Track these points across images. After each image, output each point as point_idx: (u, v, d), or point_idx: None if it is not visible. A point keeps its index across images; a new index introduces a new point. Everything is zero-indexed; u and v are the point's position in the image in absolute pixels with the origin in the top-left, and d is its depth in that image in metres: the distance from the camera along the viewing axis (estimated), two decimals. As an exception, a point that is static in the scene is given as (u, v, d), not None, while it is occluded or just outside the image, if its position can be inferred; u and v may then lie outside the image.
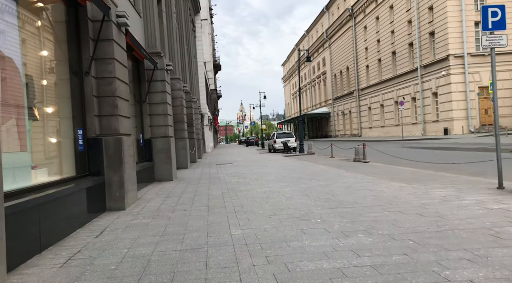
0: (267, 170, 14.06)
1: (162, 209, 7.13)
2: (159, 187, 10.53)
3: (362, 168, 13.28)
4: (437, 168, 11.84)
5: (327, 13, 70.23)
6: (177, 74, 17.21)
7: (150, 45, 12.22)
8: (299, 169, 13.80)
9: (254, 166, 16.69)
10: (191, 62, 27.25)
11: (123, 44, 7.87)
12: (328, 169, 13.42)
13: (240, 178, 11.91)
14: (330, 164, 15.50)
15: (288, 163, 17.51)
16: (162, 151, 12.05)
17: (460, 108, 34.68)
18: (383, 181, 9.27)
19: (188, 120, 21.37)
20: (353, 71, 59.16)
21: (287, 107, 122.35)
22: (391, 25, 46.18)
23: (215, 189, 9.47)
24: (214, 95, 59.39)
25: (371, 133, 54.28)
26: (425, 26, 38.57)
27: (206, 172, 14.91)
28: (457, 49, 34.47)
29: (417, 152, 20.25)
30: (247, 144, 61.62)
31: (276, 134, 30.58)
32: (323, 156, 21.93)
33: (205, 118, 36.86)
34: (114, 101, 7.23)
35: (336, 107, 68.13)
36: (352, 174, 11.15)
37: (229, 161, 21.45)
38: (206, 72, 41.69)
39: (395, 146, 27.49)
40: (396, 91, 45.71)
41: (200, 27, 36.70)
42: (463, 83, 34.58)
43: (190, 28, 30.13)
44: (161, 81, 12.06)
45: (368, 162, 16.02)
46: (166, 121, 12.10)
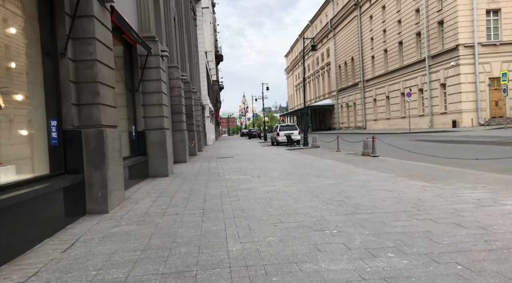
0: (270, 165, 13.11)
1: (151, 212, 6.19)
2: (152, 184, 9.59)
3: (373, 163, 12.31)
4: (455, 164, 10.87)
5: (332, 3, 68.75)
6: (175, 63, 16.22)
7: (143, 29, 11.21)
8: (304, 164, 12.84)
9: (256, 160, 15.75)
10: (192, 51, 26.21)
11: (107, 22, 6.88)
12: (336, 164, 12.45)
13: (241, 174, 10.96)
14: (337, 159, 14.53)
15: (292, 157, 16.56)
16: (157, 145, 11.10)
17: (469, 100, 33.53)
18: (401, 179, 8.29)
19: (187, 112, 20.41)
20: (358, 62, 57.91)
21: (290, 99, 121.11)
22: (397, 15, 44.86)
23: (213, 188, 8.53)
24: (216, 86, 58.35)
25: (376, 125, 53.18)
26: (433, 15, 37.29)
27: (205, 166, 13.97)
28: (467, 38, 33.24)
29: (428, 146, 19.25)
30: (249, 137, 60.69)
31: (279, 127, 29.60)
32: (329, 150, 20.96)
33: (206, 109, 35.89)
34: (95, 87, 6.26)
35: (340, 99, 66.96)
36: (364, 170, 10.18)
37: (230, 154, 20.50)
38: (207, 63, 40.63)
39: (403, 139, 26.46)
40: (403, 82, 44.52)
41: (201, 16, 35.56)
42: (473, 74, 33.39)
43: (191, 16, 29.04)
44: (156, 68, 11.07)
45: (377, 156, 15.07)
46: (161, 112, 11.13)
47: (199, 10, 35.26)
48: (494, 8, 33.26)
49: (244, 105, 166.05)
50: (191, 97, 20.89)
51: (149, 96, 11.04)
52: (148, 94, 11.04)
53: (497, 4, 33.13)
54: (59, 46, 5.90)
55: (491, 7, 33.20)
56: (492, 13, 33.47)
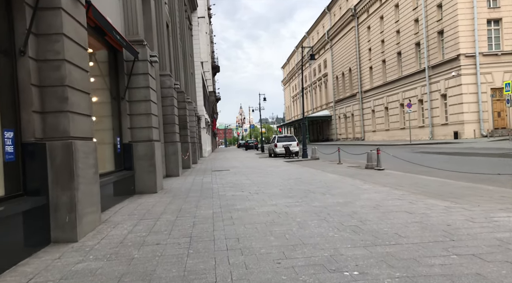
0: (269, 180, 12.11)
1: (128, 241, 5.16)
2: (137, 203, 8.55)
3: (380, 177, 11.34)
4: (470, 179, 9.93)
5: (329, 14, 68.46)
6: (168, 71, 15.30)
7: (130, 32, 10.29)
8: (306, 179, 11.84)
9: (253, 173, 14.74)
10: (187, 60, 25.35)
11: (81, 18, 5.93)
12: (341, 178, 11.46)
13: (237, 190, 9.95)
14: (340, 172, 13.54)
15: (292, 170, 15.56)
16: (144, 158, 10.09)
17: (471, 111, 32.76)
18: (418, 198, 7.31)
19: (181, 122, 19.44)
20: (355, 73, 57.31)
21: (287, 110, 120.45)
22: (396, 25, 44.33)
23: (205, 207, 7.51)
24: (213, 97, 57.50)
25: (375, 136, 52.35)
26: (433, 25, 36.71)
27: (198, 181, 12.94)
28: (468, 48, 32.60)
29: (433, 158, 18.31)
30: (246, 148, 59.69)
31: (277, 138, 28.67)
32: (329, 162, 19.99)
33: (202, 120, 34.93)
34: (63, 92, 5.28)
35: (338, 110, 66.23)
36: (373, 187, 9.19)
37: (226, 167, 19.49)
38: (203, 73, 39.79)
39: (404, 150, 25.54)
40: (402, 93, 43.80)
41: (197, 25, 34.82)
42: (475, 84, 32.68)
43: (186, 25, 28.26)
44: (144, 74, 10.12)
45: (383, 169, 14.13)
46: (149, 122, 10.14)
47: (195, 20, 34.53)
48: (495, 18, 32.70)
49: (241, 116, 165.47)
50: (185, 107, 19.94)
51: (136, 105, 10.06)
52: (135, 102, 10.06)
53: (498, 13, 32.58)
54: (18, 43, 4.93)
55: (492, 17, 32.64)
56: (493, 22, 32.90)
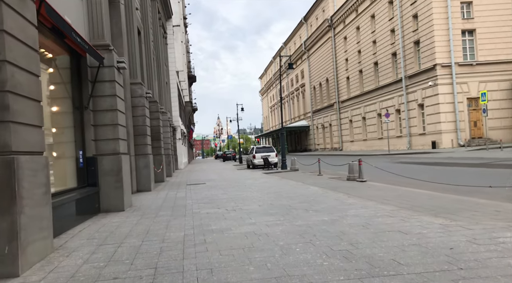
0: (248, 194, 11.39)
1: (80, 275, 4.35)
2: (101, 224, 7.69)
3: (364, 190, 10.78)
4: (458, 191, 9.48)
5: (305, 25, 68.77)
6: (139, 79, 14.49)
7: (95, 35, 9.48)
8: (287, 192, 11.18)
9: (231, 187, 13.99)
10: (161, 69, 24.53)
11: (29, 14, 5.14)
12: (323, 192, 10.84)
13: (212, 206, 9.19)
14: (322, 185, 12.94)
15: (272, 182, 14.89)
16: (111, 173, 9.23)
17: (448, 121, 32.90)
18: (409, 214, 6.72)
19: (154, 133, 18.58)
20: (333, 83, 57.43)
21: (265, 121, 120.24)
22: (372, 35, 44.61)
23: (175, 228, 6.73)
24: (189, 107, 56.55)
25: (353, 146, 52.32)
26: (409, 35, 36.98)
27: (171, 196, 12.11)
28: (444, 58, 32.84)
29: (414, 169, 17.98)
30: (223, 159, 58.82)
31: (255, 149, 28.00)
32: (309, 173, 19.43)
33: (177, 131, 33.99)
34: (3, 99, 4.48)
35: (315, 120, 66.19)
36: (359, 201, 8.58)
37: (202, 180, 18.66)
38: (179, 82, 38.93)
39: (384, 160, 25.25)
40: (379, 103, 43.92)
41: (172, 34, 34.03)
42: (451, 94, 32.87)
43: (160, 33, 27.48)
44: (110, 82, 9.31)
45: (365, 181, 13.63)
46: (116, 134, 9.31)
47: (170, 28, 33.76)
48: (469, 28, 33.11)
49: (219, 127, 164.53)
50: (158, 118, 19.07)
51: (101, 115, 9.23)
52: (100, 112, 9.23)
53: (472, 24, 33.01)
54: None
55: (466, 27, 33.03)
56: (467, 33, 33.30)
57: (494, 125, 32.24)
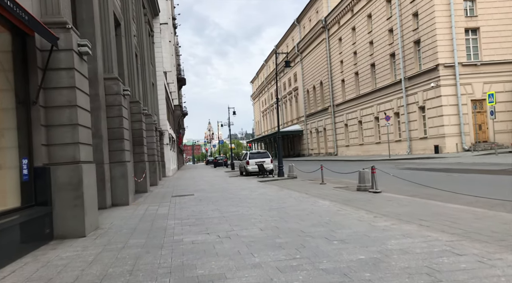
0: (244, 211, 9.31)
1: None
2: (43, 262, 5.54)
3: (386, 205, 8.79)
4: (499, 206, 7.62)
5: (298, 27, 67.08)
6: (116, 74, 12.39)
7: (48, 11, 7.37)
8: (292, 208, 9.12)
9: (223, 200, 11.90)
10: (146, 68, 22.42)
11: None
12: (338, 208, 8.81)
13: (200, 231, 7.10)
14: (331, 197, 10.92)
15: (271, 194, 12.82)
16: (68, 187, 7.11)
17: (452, 124, 31.14)
18: (483, 250, 4.71)
19: (136, 138, 16.48)
20: (327, 86, 55.67)
21: (257, 125, 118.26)
22: (369, 36, 42.92)
23: (144, 274, 4.63)
24: (178, 111, 54.36)
25: (348, 151, 50.48)
26: (409, 35, 35.29)
27: (151, 214, 9.98)
28: (447, 58, 31.13)
29: (426, 176, 16.04)
30: (215, 165, 56.59)
31: (248, 154, 25.94)
32: (309, 182, 17.44)
33: (165, 136, 31.82)
34: None
35: (309, 125, 64.33)
36: (392, 224, 6.56)
37: (191, 190, 16.54)
38: (167, 84, 36.79)
39: (386, 166, 23.26)
40: (377, 106, 42.16)
41: (159, 33, 31.96)
42: (455, 95, 31.16)
43: (146, 30, 25.39)
44: (67, 70, 7.22)
45: (380, 192, 11.70)
46: (75, 137, 7.20)
47: (156, 27, 31.68)
48: (472, 27, 31.49)
49: (210, 131, 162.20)
50: (141, 120, 16.94)
51: (56, 113, 7.12)
52: (54, 109, 7.12)
53: (475, 22, 31.41)
54: None
55: (470, 26, 31.41)
56: (470, 31, 31.67)
57: (500, 128, 30.53)
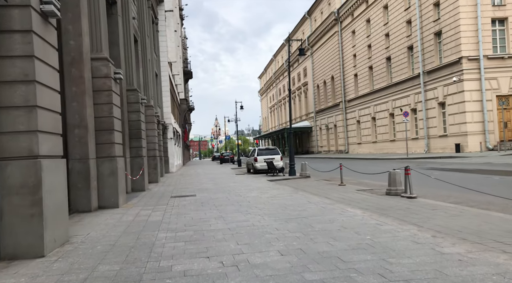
0: (255, 221, 7.46)
1: None
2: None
3: (435, 216, 6.90)
4: None
5: (309, 19, 64.90)
6: (104, 53, 10.56)
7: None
8: (316, 219, 7.25)
9: (230, 204, 10.06)
10: (146, 54, 20.61)
11: None
12: (377, 221, 6.91)
13: (198, 252, 5.26)
14: (358, 203, 9.03)
15: (285, 197, 10.95)
16: (21, 191, 5.30)
17: (475, 121, 29.03)
18: None
19: (133, 130, 14.71)
20: (339, 81, 53.56)
21: (264, 121, 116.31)
22: (385, 28, 40.76)
23: None
24: (185, 105, 52.57)
25: (360, 149, 48.44)
26: (428, 26, 33.13)
27: (140, 221, 8.16)
28: (471, 50, 28.99)
29: (460, 178, 13.98)
30: (221, 161, 54.81)
31: (257, 151, 24.11)
32: (325, 182, 15.60)
33: (169, 130, 30.04)
34: None
35: (319, 121, 62.28)
36: (469, 252, 4.67)
37: (193, 189, 14.73)
38: (172, 76, 34.99)
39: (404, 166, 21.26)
40: (392, 102, 40.05)
41: (164, 20, 30.14)
42: (479, 91, 29.03)
43: (149, 15, 23.58)
44: (23, 32, 5.40)
45: (415, 197, 9.85)
46: (31, 123, 5.38)
47: (161, 14, 29.88)
48: (500, 17, 29.29)
49: (217, 127, 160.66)
50: (139, 111, 15.13)
51: (4, 90, 5.31)
52: (2, 85, 5.31)
53: (503, 12, 29.20)
54: None
55: (497, 16, 29.20)
56: (497, 22, 29.47)
57: (527, 126, 28.44)
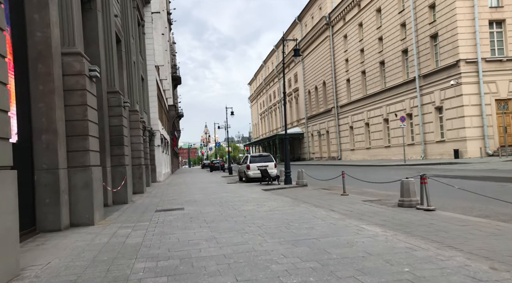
0: (256, 245, 6.15)
1: None
2: None
3: (470, 236, 5.67)
4: None
5: (300, 25, 64.13)
6: (79, 48, 9.23)
7: None
8: (332, 243, 5.96)
9: (223, 220, 8.73)
10: (131, 56, 19.26)
11: None
12: (405, 243, 5.64)
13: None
14: (371, 218, 7.77)
15: (286, 211, 9.65)
16: None
17: (474, 126, 28.13)
18: None
19: (114, 136, 13.34)
20: (330, 87, 52.64)
21: (254, 128, 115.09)
22: (378, 31, 39.95)
23: None
24: (173, 112, 51.16)
25: (354, 155, 47.41)
26: (424, 28, 32.32)
27: (116, 244, 6.80)
28: (469, 53, 28.17)
29: (471, 186, 12.76)
30: (211, 169, 53.39)
31: (249, 157, 22.81)
32: (325, 191, 14.35)
33: (156, 137, 28.62)
34: None
35: (310, 127, 61.24)
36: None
37: (181, 201, 13.35)
38: (159, 80, 33.62)
39: (406, 174, 20.11)
40: (386, 107, 39.13)
41: (151, 22, 28.83)
42: (477, 94, 28.17)
43: (134, 15, 22.29)
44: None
45: (433, 210, 8.65)
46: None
47: (148, 15, 28.59)
48: (497, 19, 28.55)
49: (206, 135, 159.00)
50: (121, 115, 13.77)
51: None
52: None
53: (501, 14, 28.47)
54: None
55: (494, 18, 28.46)
56: (495, 24, 28.72)
57: (528, 131, 27.60)
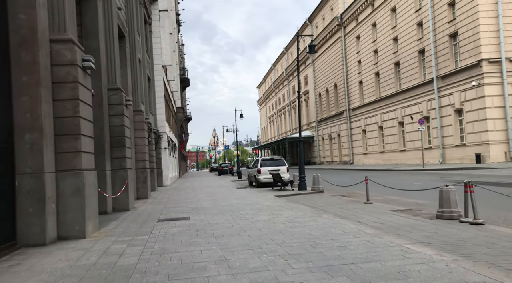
0: (277, 273, 4.85)
1: None
2: None
3: None
4: None
5: (310, 26, 62.85)
6: (69, 33, 8.06)
7: None
8: (380, 274, 4.64)
9: (234, 234, 7.47)
10: (136, 54, 18.14)
11: None
12: (477, 277, 4.34)
13: None
14: (412, 234, 6.45)
15: (307, 223, 8.35)
16: None
17: (497, 129, 26.63)
18: None
19: (115, 137, 12.15)
20: (342, 89, 51.27)
21: (263, 132, 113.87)
22: (393, 31, 38.56)
23: None
24: (181, 114, 50.07)
25: (367, 160, 45.91)
26: (443, 27, 30.88)
27: (105, 265, 5.55)
28: (492, 52, 26.71)
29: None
30: (219, 173, 52.18)
31: (260, 161, 21.51)
32: (346, 199, 13.03)
33: (163, 139, 27.47)
34: None
35: (321, 130, 59.85)
36: None
37: (187, 208, 12.11)
38: (167, 81, 32.54)
39: (425, 179, 18.68)
40: (401, 109, 37.66)
41: (158, 20, 27.79)
42: (501, 96, 26.69)
43: (140, 11, 21.23)
44: None
45: (482, 223, 7.33)
46: None
47: (155, 13, 27.57)
48: (522, 16, 27.07)
49: (215, 138, 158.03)
50: (122, 114, 12.60)
51: None
52: None
53: (526, 10, 26.99)
54: None
55: (520, 15, 26.98)
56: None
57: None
